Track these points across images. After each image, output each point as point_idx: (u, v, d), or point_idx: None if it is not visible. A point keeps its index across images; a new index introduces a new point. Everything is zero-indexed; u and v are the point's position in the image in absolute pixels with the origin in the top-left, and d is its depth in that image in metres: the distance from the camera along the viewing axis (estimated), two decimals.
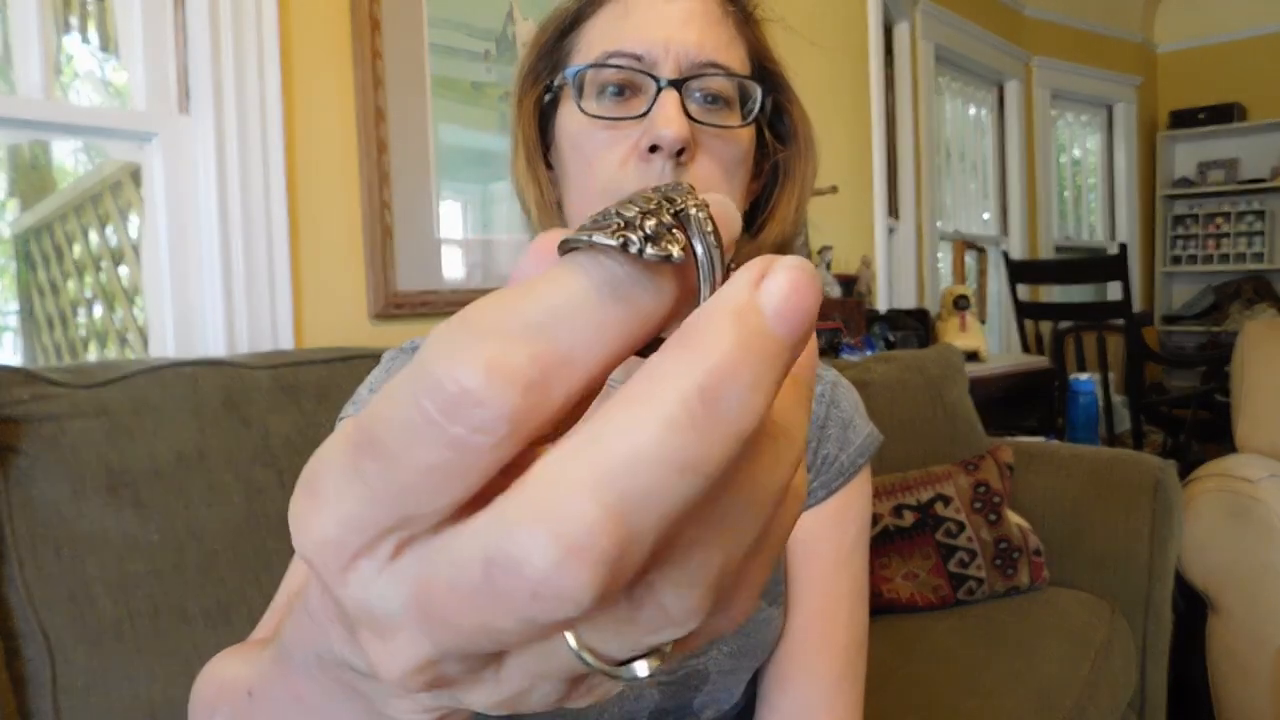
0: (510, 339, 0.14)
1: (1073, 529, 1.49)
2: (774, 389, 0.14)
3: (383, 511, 0.15)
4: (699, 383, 0.13)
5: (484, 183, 1.51)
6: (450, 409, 0.14)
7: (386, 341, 1.32)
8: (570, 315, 0.15)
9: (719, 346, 0.14)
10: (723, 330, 0.14)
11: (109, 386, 0.86)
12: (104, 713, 0.76)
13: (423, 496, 0.14)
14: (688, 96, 0.56)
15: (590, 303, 0.15)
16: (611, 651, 0.16)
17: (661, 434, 0.13)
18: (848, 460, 0.68)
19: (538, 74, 0.63)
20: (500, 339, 0.14)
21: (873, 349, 2.23)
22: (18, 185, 1.70)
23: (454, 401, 0.14)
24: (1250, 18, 4.47)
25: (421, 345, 0.15)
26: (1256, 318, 4.13)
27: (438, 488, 0.14)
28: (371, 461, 0.15)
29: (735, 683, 0.64)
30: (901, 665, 1.19)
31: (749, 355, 0.14)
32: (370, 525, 0.15)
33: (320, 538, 0.16)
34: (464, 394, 0.14)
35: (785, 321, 0.14)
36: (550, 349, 0.14)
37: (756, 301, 0.14)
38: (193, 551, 0.84)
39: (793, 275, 0.15)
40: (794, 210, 0.66)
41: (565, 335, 0.14)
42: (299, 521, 0.16)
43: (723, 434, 0.13)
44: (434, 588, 0.14)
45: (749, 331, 0.14)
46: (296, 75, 1.25)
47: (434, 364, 0.14)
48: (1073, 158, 4.51)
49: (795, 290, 0.15)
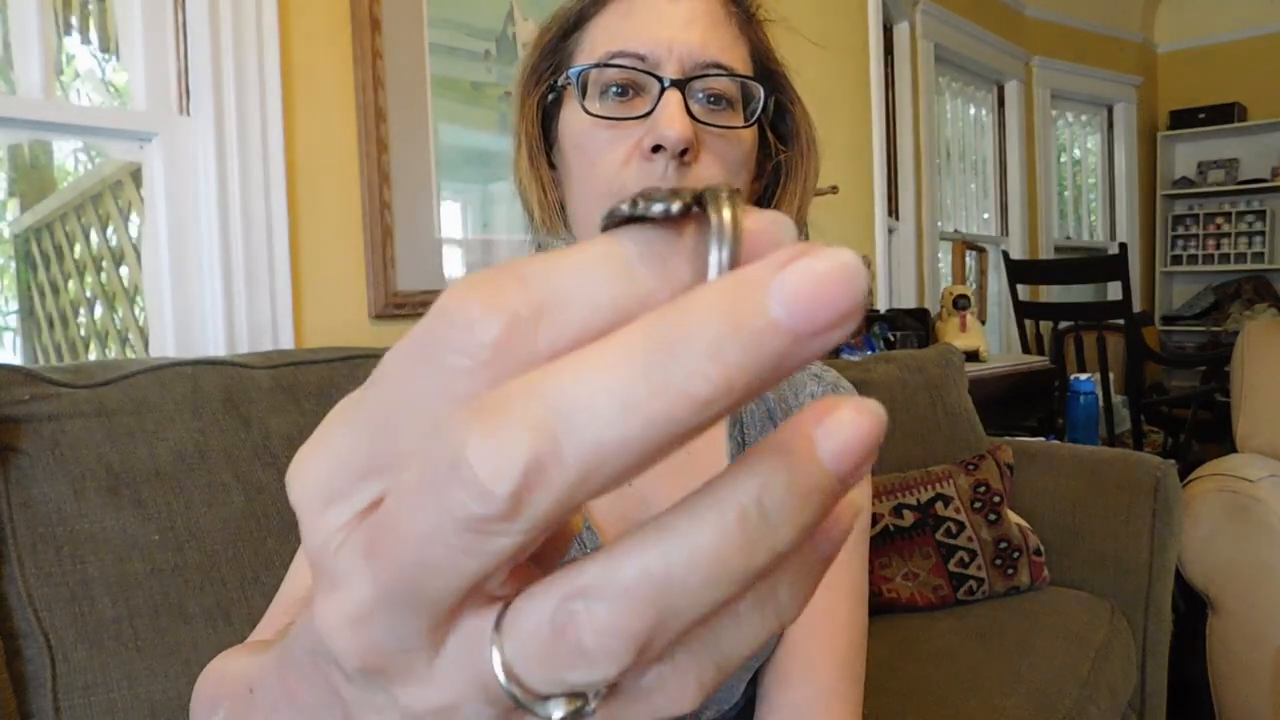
0: (512, 284, 0.14)
1: (1073, 529, 1.49)
2: (820, 516, 0.14)
3: (370, 442, 0.15)
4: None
5: (484, 183, 1.51)
6: (443, 334, 0.14)
7: (387, 341, 1.32)
8: (568, 274, 0.15)
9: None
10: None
11: (109, 386, 0.86)
12: (104, 713, 0.76)
13: (405, 424, 0.15)
14: (691, 97, 0.56)
15: (589, 267, 0.15)
16: (533, 682, 0.15)
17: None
18: None
19: (541, 74, 0.63)
20: (502, 283, 0.14)
21: (873, 349, 2.23)
22: (18, 185, 1.70)
23: (447, 326, 0.14)
24: (1250, 18, 4.47)
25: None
26: (1256, 318, 4.14)
27: (420, 414, 0.14)
28: (372, 389, 0.15)
29: (736, 683, 0.64)
30: (901, 665, 1.19)
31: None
32: (358, 461, 0.15)
33: (310, 478, 0.16)
34: (453, 322, 0.14)
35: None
36: (540, 296, 0.14)
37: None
38: (193, 551, 0.84)
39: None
40: (796, 211, 0.66)
41: (559, 287, 0.15)
42: (295, 464, 0.16)
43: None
44: (385, 518, 0.15)
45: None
46: (296, 75, 1.25)
47: (442, 299, 0.15)
48: (1073, 158, 4.51)
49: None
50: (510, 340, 0.14)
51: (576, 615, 0.14)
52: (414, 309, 1.38)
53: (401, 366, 0.15)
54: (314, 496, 0.16)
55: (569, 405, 0.13)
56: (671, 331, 0.13)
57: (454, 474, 0.13)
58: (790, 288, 0.13)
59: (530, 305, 0.14)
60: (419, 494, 0.14)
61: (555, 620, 0.14)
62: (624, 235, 0.15)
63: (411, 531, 0.14)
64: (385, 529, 0.15)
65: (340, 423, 0.16)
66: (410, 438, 0.15)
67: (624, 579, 0.14)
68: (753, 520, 0.14)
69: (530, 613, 0.14)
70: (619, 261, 0.15)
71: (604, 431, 0.13)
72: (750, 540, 0.14)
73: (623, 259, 0.15)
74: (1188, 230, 4.79)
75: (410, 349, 0.15)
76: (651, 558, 0.14)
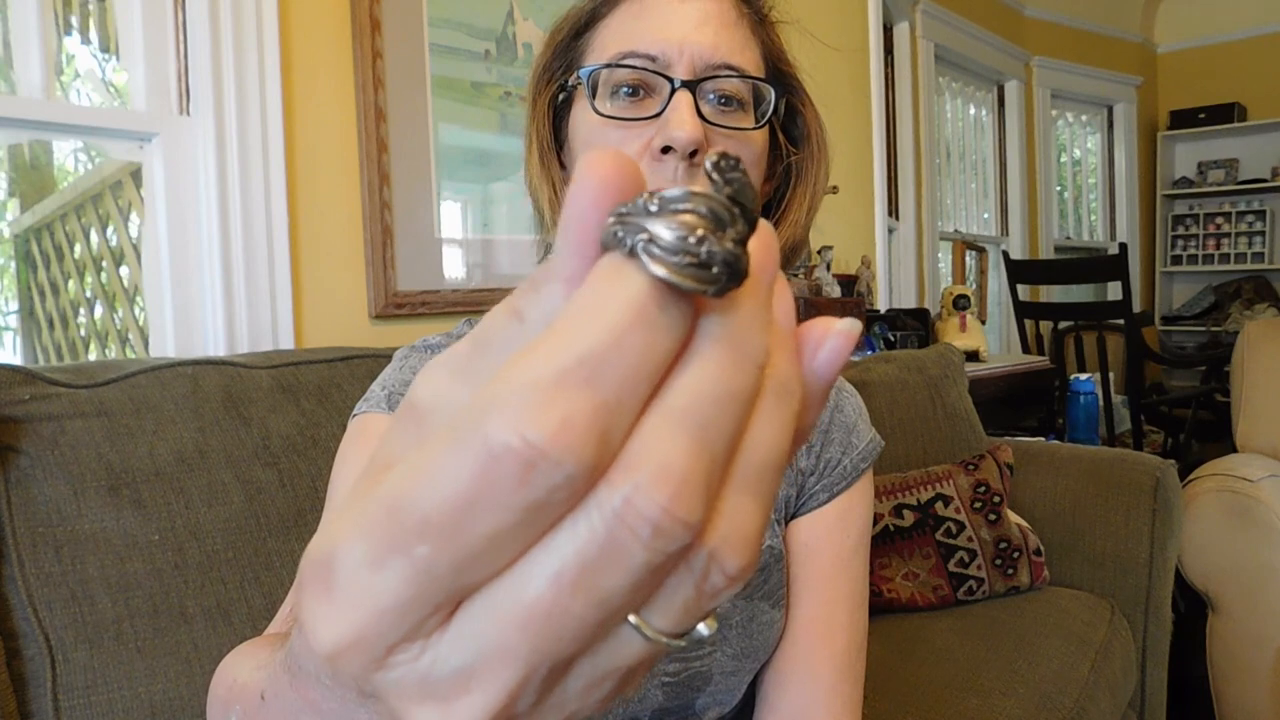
0: (570, 388, 0.14)
1: (1073, 529, 1.49)
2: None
3: (438, 589, 0.15)
4: (730, 330, 0.16)
5: (484, 183, 1.51)
6: (523, 472, 0.13)
7: (387, 341, 1.32)
8: (623, 347, 0.15)
9: (757, 334, 0.16)
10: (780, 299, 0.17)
11: (109, 386, 0.86)
12: (104, 713, 0.76)
13: (485, 562, 0.14)
14: (701, 98, 0.56)
15: (643, 328, 0.15)
16: (669, 625, 0.16)
17: (717, 372, 0.15)
18: (850, 464, 0.68)
19: (552, 73, 0.63)
20: (561, 390, 0.14)
21: (873, 349, 2.23)
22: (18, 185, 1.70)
23: (527, 463, 0.13)
24: (1250, 18, 4.47)
25: (460, 399, 0.15)
26: (1256, 318, 4.14)
27: (503, 550, 0.14)
28: (424, 542, 0.14)
29: (737, 683, 0.64)
30: (901, 665, 1.19)
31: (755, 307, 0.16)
32: (421, 607, 0.15)
33: (350, 638, 0.15)
34: (536, 454, 0.13)
35: (830, 370, 0.19)
36: (613, 390, 0.14)
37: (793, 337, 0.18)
38: (193, 551, 0.84)
39: (844, 340, 0.18)
40: (805, 213, 0.66)
41: (621, 370, 0.14)
42: (319, 625, 0.15)
43: (752, 364, 0.16)
44: (532, 614, 0.14)
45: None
46: (296, 75, 1.25)
47: (498, 425, 0.14)
48: (1073, 158, 4.51)
49: (842, 350, 0.19)
50: (604, 455, 0.14)
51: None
52: (414, 309, 1.38)
53: (468, 512, 0.14)
54: (363, 653, 0.15)
55: (703, 419, 0.15)
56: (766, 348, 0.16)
57: (642, 523, 0.14)
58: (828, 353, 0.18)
59: (606, 413, 0.14)
60: (595, 565, 0.14)
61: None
62: (640, 275, 0.15)
63: (585, 607, 0.15)
64: (530, 623, 0.15)
65: (365, 573, 0.15)
66: (492, 569, 0.15)
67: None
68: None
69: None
70: (653, 318, 0.15)
71: (730, 426, 0.16)
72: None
73: (657, 313, 0.15)
74: (1188, 230, 4.79)
75: (472, 494, 0.14)
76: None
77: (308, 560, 0.16)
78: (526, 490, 0.14)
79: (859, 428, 0.70)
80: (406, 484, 0.14)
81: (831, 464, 0.68)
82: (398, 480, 0.15)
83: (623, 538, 0.14)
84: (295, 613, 0.16)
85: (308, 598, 0.15)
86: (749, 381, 0.16)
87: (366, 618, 0.15)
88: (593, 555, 0.14)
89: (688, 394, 0.15)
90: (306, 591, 0.16)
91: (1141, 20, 4.57)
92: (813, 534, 0.67)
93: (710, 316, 0.16)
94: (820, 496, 0.68)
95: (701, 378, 0.15)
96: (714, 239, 0.15)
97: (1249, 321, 2.03)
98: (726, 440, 0.15)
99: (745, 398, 0.16)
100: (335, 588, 0.15)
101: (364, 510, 0.15)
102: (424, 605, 0.15)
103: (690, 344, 0.16)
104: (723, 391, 0.15)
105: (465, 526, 0.14)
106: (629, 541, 0.14)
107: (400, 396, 0.59)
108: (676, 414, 0.15)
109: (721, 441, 0.15)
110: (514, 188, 1.52)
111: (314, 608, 0.15)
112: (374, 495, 0.15)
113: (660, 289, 0.15)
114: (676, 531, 0.14)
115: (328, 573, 0.15)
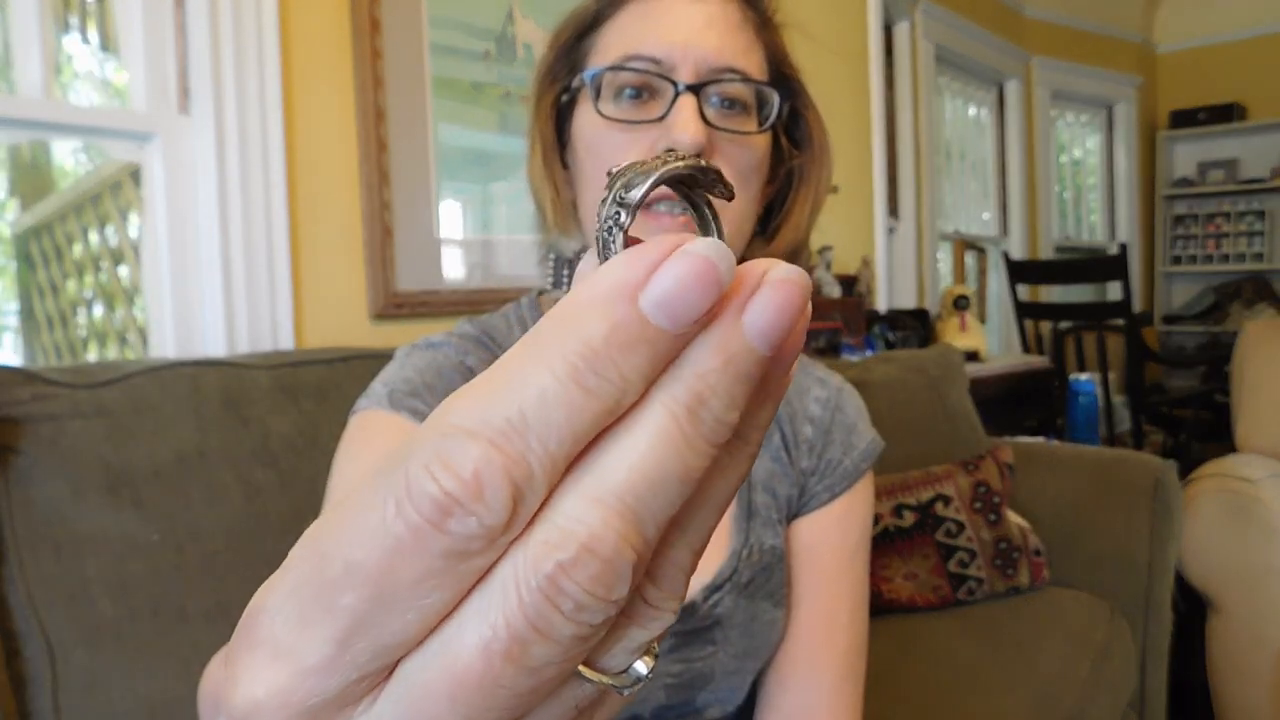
0: (490, 440, 0.13)
1: (1073, 529, 1.49)
2: (746, 397, 0.15)
3: (362, 645, 0.14)
4: (685, 404, 0.14)
5: (484, 183, 1.51)
6: (439, 517, 0.13)
7: (387, 341, 1.32)
8: (541, 408, 0.14)
9: (702, 371, 0.14)
10: (707, 357, 0.14)
11: (109, 386, 0.86)
12: (104, 713, 0.76)
13: (410, 617, 0.14)
14: (705, 101, 0.56)
15: (562, 391, 0.14)
16: (613, 663, 0.16)
17: (661, 451, 0.14)
18: (851, 465, 0.68)
19: (556, 74, 0.63)
20: (479, 441, 0.13)
21: (873, 349, 2.23)
22: (18, 185, 1.70)
23: (441, 509, 0.13)
24: (1250, 18, 4.47)
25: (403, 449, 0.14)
26: (1256, 318, 4.13)
27: (426, 603, 0.14)
28: (350, 591, 0.14)
29: (739, 683, 0.64)
30: (901, 665, 1.19)
31: (726, 377, 0.14)
32: (345, 667, 0.14)
33: (274, 698, 0.14)
34: (449, 500, 0.13)
35: (768, 341, 0.15)
36: (527, 448, 0.14)
37: (740, 324, 0.15)
38: (193, 551, 0.84)
39: (779, 295, 0.15)
40: (808, 215, 0.66)
41: (539, 431, 0.14)
42: (240, 687, 0.14)
43: (705, 444, 0.14)
44: (457, 687, 0.14)
45: (730, 355, 0.14)
46: (296, 75, 1.25)
47: (417, 471, 0.13)
48: (1073, 158, 4.51)
49: (781, 311, 0.15)
50: (524, 505, 0.14)
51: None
52: (414, 309, 1.38)
53: (392, 556, 0.13)
54: (296, 713, 0.14)
55: (640, 501, 0.14)
56: (691, 400, 0.14)
57: (566, 599, 0.14)
58: (760, 326, 0.15)
59: (530, 460, 0.14)
60: (523, 639, 0.14)
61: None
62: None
63: (518, 673, 0.14)
64: (458, 694, 0.14)
65: (292, 627, 0.14)
66: (423, 625, 0.14)
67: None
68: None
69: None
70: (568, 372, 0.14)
71: (668, 507, 0.15)
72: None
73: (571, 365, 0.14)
74: (1188, 230, 4.79)
75: (398, 537, 0.13)
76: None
77: (241, 622, 0.15)
78: (442, 537, 0.13)
79: (860, 428, 0.70)
80: (333, 528, 0.14)
81: (833, 464, 0.68)
82: (326, 525, 0.14)
83: (549, 613, 0.14)
84: (227, 683, 0.15)
85: (233, 650, 0.15)
86: (700, 464, 0.14)
87: (287, 678, 0.14)
88: (520, 627, 0.14)
89: (624, 470, 0.14)
90: (234, 643, 0.15)
91: (1141, 20, 4.57)
92: (814, 534, 0.67)
93: (676, 374, 0.14)
94: (822, 496, 0.68)
95: (645, 455, 0.14)
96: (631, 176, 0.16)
97: (1249, 321, 2.03)
98: (664, 517, 0.15)
99: (693, 478, 0.15)
100: (256, 642, 0.14)
101: (294, 555, 0.14)
102: (351, 667, 0.14)
103: (646, 398, 0.14)
104: (667, 475, 0.14)
105: (388, 574, 0.13)
106: (555, 616, 0.14)
107: (401, 394, 0.59)
108: (610, 491, 0.14)
109: (658, 520, 0.14)
110: (514, 188, 1.52)
111: (234, 660, 0.15)
112: (305, 539, 0.14)
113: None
114: (602, 609, 0.14)
115: (253, 623, 0.15)
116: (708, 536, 0.17)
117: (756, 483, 0.66)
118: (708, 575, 0.62)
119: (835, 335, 2.08)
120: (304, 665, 0.14)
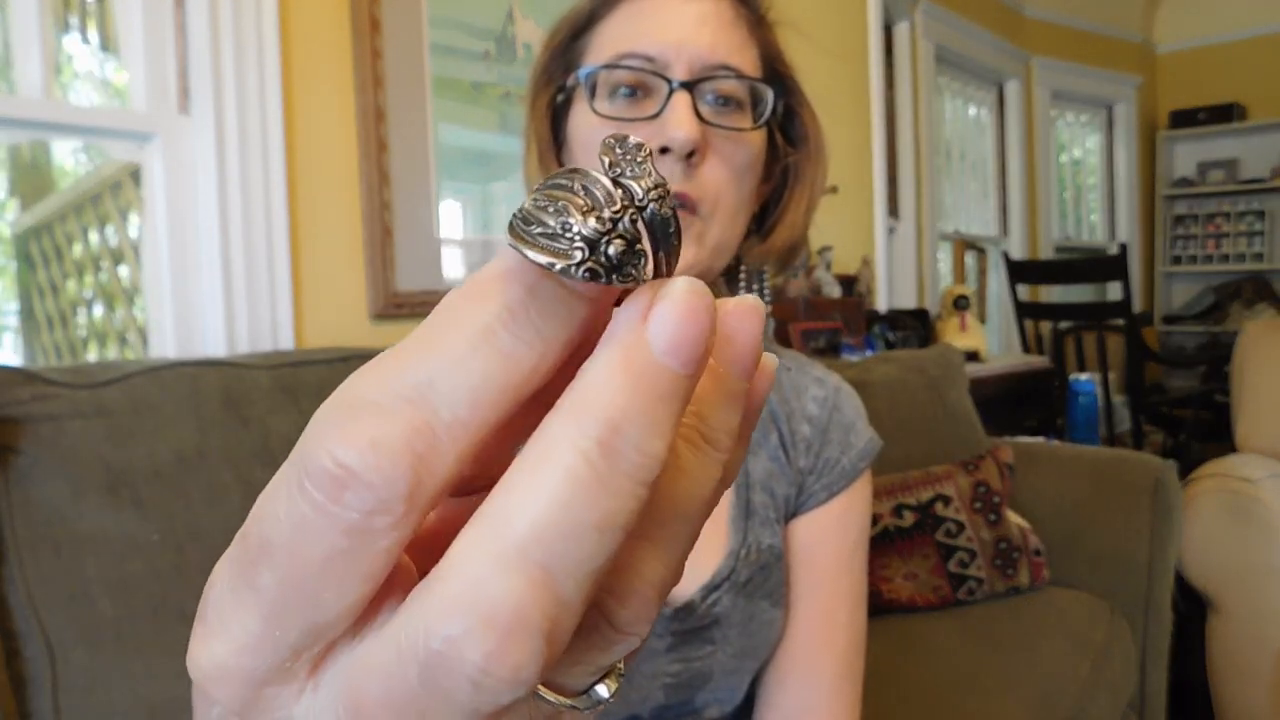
0: (390, 409, 0.13)
1: (1073, 529, 1.49)
2: (673, 423, 0.13)
3: (288, 625, 0.13)
4: (595, 437, 0.13)
5: (484, 183, 1.51)
6: (336, 491, 0.13)
7: (386, 341, 1.31)
8: (452, 373, 0.13)
9: (608, 395, 0.13)
10: (611, 376, 0.13)
11: (109, 386, 0.86)
12: (104, 713, 0.76)
13: (328, 597, 0.13)
14: (700, 98, 0.56)
15: (474, 354, 0.13)
16: (571, 683, 0.15)
17: (568, 495, 0.12)
18: (849, 464, 0.68)
19: (551, 74, 0.63)
20: (379, 411, 0.13)
21: (873, 349, 2.23)
22: (18, 185, 1.70)
23: (338, 482, 0.13)
24: (1250, 18, 4.47)
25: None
26: (1256, 318, 4.13)
27: (342, 583, 0.13)
28: (266, 569, 0.13)
29: (738, 682, 0.64)
30: (901, 665, 1.19)
31: (640, 398, 0.13)
32: (276, 645, 0.14)
33: (216, 669, 0.14)
34: (349, 475, 0.12)
35: (677, 354, 0.13)
36: (433, 415, 0.13)
37: (644, 338, 0.13)
38: (193, 551, 0.84)
39: (680, 304, 0.13)
40: (803, 213, 0.66)
41: (448, 396, 0.13)
42: (190, 656, 0.14)
43: (628, 482, 0.13)
44: (365, 701, 0.13)
45: (638, 373, 0.13)
46: (296, 75, 1.25)
47: (313, 446, 0.13)
48: (1073, 158, 4.51)
49: (684, 319, 0.13)
50: (423, 481, 0.13)
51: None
52: (414, 309, 1.38)
53: (299, 534, 0.13)
54: (234, 688, 0.14)
55: (550, 555, 0.12)
56: (601, 431, 0.13)
57: (460, 677, 0.12)
58: (664, 339, 0.13)
59: (425, 437, 0.13)
60: (416, 700, 0.13)
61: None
62: (503, 287, 0.14)
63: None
64: (371, 717, 0.13)
65: (227, 601, 0.14)
66: (339, 608, 0.13)
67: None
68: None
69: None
70: (495, 339, 0.14)
71: (590, 556, 0.13)
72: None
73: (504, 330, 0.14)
74: (1188, 230, 4.79)
75: (301, 514, 0.13)
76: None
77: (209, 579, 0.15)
78: (343, 512, 0.13)
79: (857, 427, 0.70)
80: (257, 507, 0.14)
81: (830, 463, 0.68)
82: (256, 505, 0.14)
83: (447, 683, 0.12)
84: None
85: (194, 631, 0.15)
86: (625, 505, 0.13)
87: (224, 652, 0.14)
88: (418, 694, 0.12)
89: (526, 522, 0.12)
90: (195, 624, 0.15)
91: (1141, 20, 4.57)
92: (812, 533, 0.67)
93: (582, 402, 0.13)
94: (820, 495, 0.68)
95: (551, 501, 0.12)
96: (578, 214, 0.14)
97: (1249, 321, 2.03)
98: (591, 568, 0.13)
99: (619, 523, 0.13)
100: (203, 614, 0.14)
101: (238, 534, 0.14)
102: (282, 645, 0.14)
103: (552, 430, 0.13)
104: (580, 523, 0.12)
105: (296, 553, 0.13)
106: (455, 688, 0.12)
107: None
108: (512, 545, 0.12)
109: (581, 575, 0.13)
110: (514, 188, 1.52)
111: (194, 628, 0.15)
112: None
113: (527, 276, 0.14)
114: (509, 690, 0.12)
115: (206, 594, 0.15)
116: (686, 548, 0.15)
117: (754, 482, 0.66)
118: (706, 575, 0.63)
119: (835, 335, 2.08)
120: (236, 642, 0.14)
